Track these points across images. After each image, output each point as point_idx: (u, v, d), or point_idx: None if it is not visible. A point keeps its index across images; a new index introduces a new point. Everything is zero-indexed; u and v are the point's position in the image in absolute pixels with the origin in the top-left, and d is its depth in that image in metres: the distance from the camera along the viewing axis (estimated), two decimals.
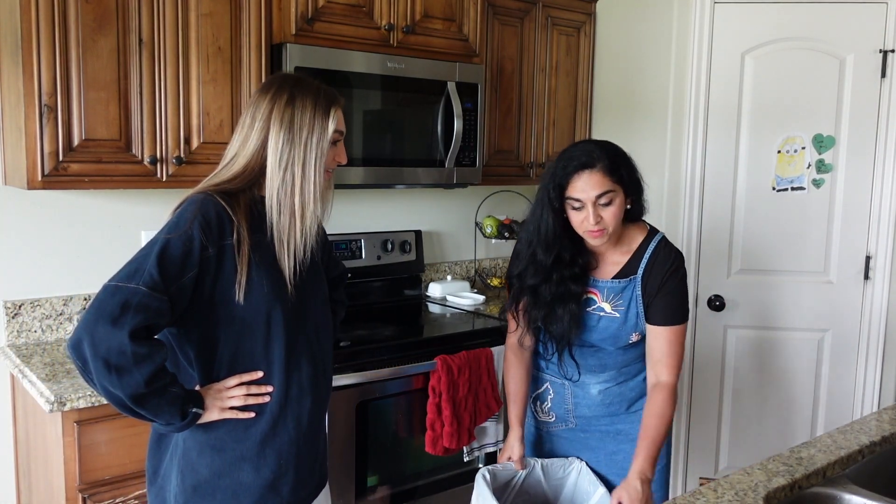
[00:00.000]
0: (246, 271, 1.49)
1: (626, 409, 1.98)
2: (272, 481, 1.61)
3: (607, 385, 1.96)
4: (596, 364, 1.95)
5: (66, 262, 2.41)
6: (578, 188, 1.76)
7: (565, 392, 2.00)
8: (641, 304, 1.86)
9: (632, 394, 1.98)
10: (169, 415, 1.46)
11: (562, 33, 3.22)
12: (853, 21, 3.12)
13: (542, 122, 3.22)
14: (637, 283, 1.86)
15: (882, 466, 1.59)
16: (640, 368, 1.97)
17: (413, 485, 2.56)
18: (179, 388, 1.48)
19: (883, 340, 3.27)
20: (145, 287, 1.38)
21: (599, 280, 1.89)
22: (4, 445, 2.37)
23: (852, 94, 3.15)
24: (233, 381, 1.55)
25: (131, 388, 1.38)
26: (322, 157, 1.55)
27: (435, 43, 2.72)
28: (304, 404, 1.63)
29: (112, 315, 1.35)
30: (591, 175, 1.75)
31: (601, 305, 1.89)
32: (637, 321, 1.87)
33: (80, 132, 2.07)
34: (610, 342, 1.91)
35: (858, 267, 3.24)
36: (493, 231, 3.39)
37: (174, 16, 2.18)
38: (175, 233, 1.45)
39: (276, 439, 1.60)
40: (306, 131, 1.53)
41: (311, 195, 1.54)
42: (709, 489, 1.35)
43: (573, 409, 2.00)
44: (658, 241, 1.88)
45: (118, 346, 1.35)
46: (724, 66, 3.23)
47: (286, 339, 1.57)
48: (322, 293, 1.72)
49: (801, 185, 3.24)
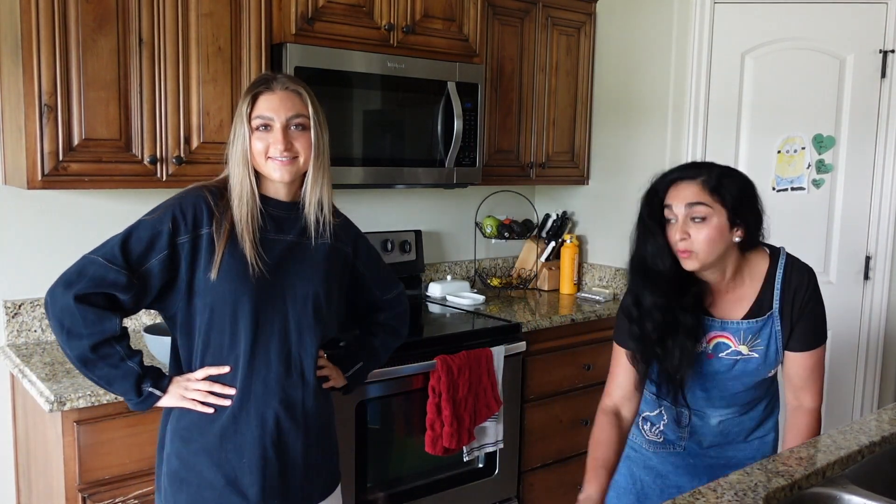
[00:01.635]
0: (221, 252, 1.55)
1: (743, 439, 1.83)
2: (234, 479, 1.59)
3: (728, 416, 1.80)
4: (719, 399, 1.78)
5: (66, 262, 2.38)
6: (671, 195, 1.62)
7: (682, 419, 1.81)
8: (781, 339, 1.69)
9: (751, 423, 1.83)
10: (123, 388, 1.57)
11: (562, 33, 3.22)
12: (853, 21, 3.11)
13: (542, 122, 3.22)
14: (775, 319, 1.68)
15: (882, 466, 1.59)
16: (762, 397, 1.81)
17: (413, 485, 2.56)
18: (137, 365, 1.56)
19: (883, 340, 3.27)
20: (102, 258, 1.52)
21: (729, 322, 1.69)
22: (4, 445, 2.37)
23: (852, 94, 3.15)
24: (201, 374, 1.60)
25: (78, 349, 1.52)
26: (244, 144, 1.59)
27: (435, 43, 2.72)
28: (271, 404, 1.61)
29: (69, 280, 1.52)
30: (687, 185, 1.61)
31: (737, 349, 1.70)
32: (776, 356, 1.71)
33: (80, 132, 2.07)
34: (744, 383, 1.74)
35: (858, 267, 3.24)
36: (493, 231, 3.39)
37: (174, 16, 2.18)
38: (149, 217, 1.57)
39: (236, 436, 1.60)
40: (237, 122, 1.61)
41: (237, 181, 1.59)
42: (709, 489, 1.34)
43: (687, 436, 1.84)
44: (786, 265, 1.70)
45: (66, 307, 1.50)
46: (724, 66, 3.23)
47: (252, 334, 1.59)
48: (314, 295, 1.66)
49: (800, 185, 3.24)
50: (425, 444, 2.43)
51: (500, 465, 2.76)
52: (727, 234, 1.61)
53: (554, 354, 2.93)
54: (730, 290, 1.71)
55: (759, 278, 1.69)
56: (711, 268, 1.65)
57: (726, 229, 1.60)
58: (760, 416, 1.83)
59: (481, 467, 2.72)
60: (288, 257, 1.63)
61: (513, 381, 2.74)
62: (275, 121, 1.58)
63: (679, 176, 1.64)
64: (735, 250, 1.66)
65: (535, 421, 2.89)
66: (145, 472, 1.99)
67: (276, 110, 1.59)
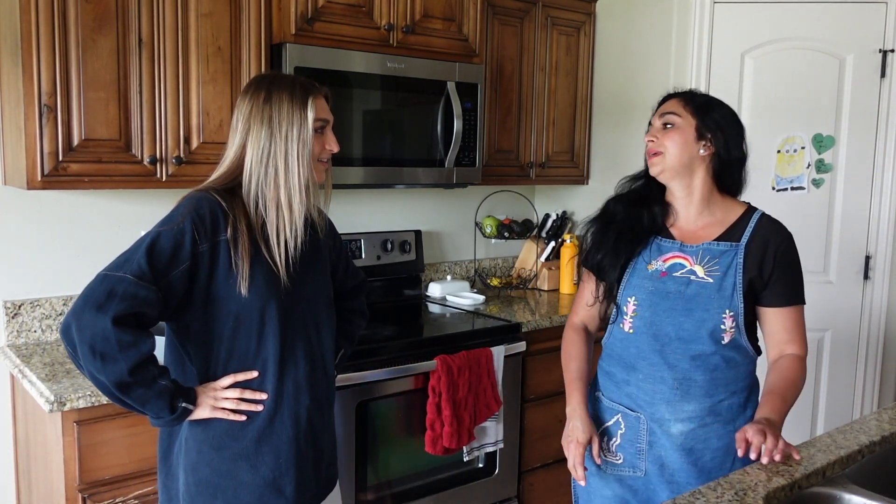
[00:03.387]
0: (248, 262, 1.52)
1: (712, 467, 1.71)
2: (272, 480, 1.61)
3: (691, 426, 1.70)
4: (673, 354, 1.69)
5: (66, 262, 2.41)
6: (657, 111, 1.77)
7: (640, 427, 1.74)
8: (741, 276, 1.67)
9: (719, 443, 1.71)
10: (157, 407, 1.49)
11: (562, 33, 3.22)
12: (853, 21, 3.12)
13: (542, 122, 3.22)
14: (740, 251, 1.68)
15: (882, 466, 1.59)
16: (733, 413, 1.72)
17: (413, 485, 2.56)
18: (169, 382, 1.50)
19: (883, 340, 3.27)
20: (132, 276, 1.43)
21: (689, 245, 1.72)
22: (4, 445, 2.37)
23: (852, 94, 3.15)
24: (227, 381, 1.56)
25: (115, 375, 1.42)
26: (305, 147, 1.56)
27: (435, 43, 2.72)
28: (303, 402, 1.64)
29: (98, 302, 1.41)
30: (670, 101, 1.76)
31: (693, 269, 1.70)
32: (732, 294, 1.66)
33: (79, 132, 2.07)
34: (699, 322, 1.67)
35: (858, 267, 3.24)
36: (493, 231, 3.39)
37: (174, 16, 2.18)
38: (167, 226, 1.49)
39: (273, 437, 1.60)
40: (286, 124, 1.56)
41: (296, 187, 1.55)
42: (708, 489, 1.35)
43: (646, 450, 1.74)
44: (762, 215, 1.74)
45: (102, 331, 1.40)
46: (723, 66, 3.23)
47: (280, 336, 1.58)
48: (325, 292, 1.72)
49: (800, 184, 3.24)
50: (425, 443, 2.43)
51: (500, 465, 2.76)
52: (693, 143, 1.69)
53: (554, 354, 2.91)
54: (699, 220, 1.75)
55: (731, 218, 1.75)
56: (675, 178, 1.72)
57: (692, 138, 1.69)
58: (731, 436, 1.69)
59: (481, 467, 2.72)
60: (300, 257, 1.63)
61: (513, 381, 2.74)
62: (329, 123, 1.63)
63: (670, 94, 1.78)
64: (705, 171, 1.72)
65: (535, 421, 2.89)
66: (145, 472, 1.99)
67: (328, 113, 1.63)
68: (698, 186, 1.72)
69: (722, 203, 1.76)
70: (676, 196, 1.75)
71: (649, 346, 1.72)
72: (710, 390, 1.70)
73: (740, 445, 1.49)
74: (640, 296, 1.73)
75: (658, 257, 1.74)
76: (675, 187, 1.75)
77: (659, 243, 1.75)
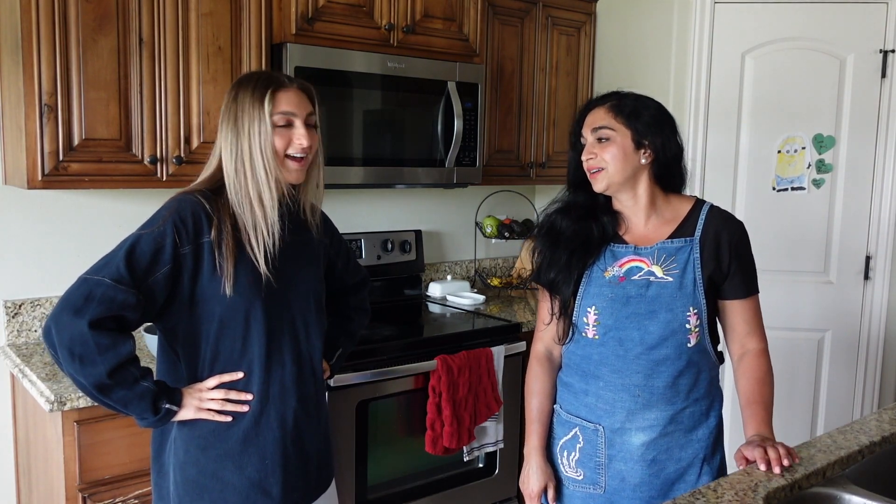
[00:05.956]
0: (232, 263, 1.52)
1: (675, 478, 1.67)
2: (258, 481, 1.60)
3: (652, 435, 1.65)
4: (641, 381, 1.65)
5: (66, 262, 2.41)
6: (585, 123, 1.70)
7: (598, 441, 1.69)
8: (700, 271, 1.65)
9: (682, 453, 1.67)
10: (140, 409, 1.50)
11: (562, 33, 3.22)
12: (853, 21, 3.12)
13: (543, 122, 3.22)
14: (695, 246, 1.66)
15: (882, 466, 1.59)
16: (695, 420, 1.68)
17: (413, 484, 2.56)
18: (151, 384, 1.50)
19: (883, 340, 3.27)
20: (110, 280, 1.43)
21: (643, 247, 1.69)
22: (4, 445, 2.37)
23: (852, 94, 3.15)
24: (213, 382, 1.57)
25: (94, 377, 1.43)
26: (266, 141, 1.54)
27: (435, 43, 2.72)
28: (289, 403, 1.63)
29: (75, 305, 1.42)
30: (596, 111, 1.68)
31: (651, 269, 1.67)
32: (694, 291, 1.64)
33: (80, 132, 2.07)
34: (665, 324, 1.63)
35: (858, 267, 3.24)
36: (493, 231, 3.39)
37: (174, 15, 2.18)
38: (148, 230, 1.50)
39: (258, 438, 1.60)
40: (247, 119, 1.55)
41: (263, 182, 1.55)
42: (708, 489, 1.35)
43: (606, 464, 1.69)
44: (711, 207, 1.72)
45: (79, 335, 1.41)
46: (724, 66, 3.23)
47: (266, 337, 1.58)
48: (316, 293, 1.71)
49: (801, 185, 3.24)
50: (425, 443, 2.43)
51: (500, 465, 2.76)
52: (633, 154, 1.65)
53: None
54: (650, 224, 1.72)
55: (681, 215, 1.72)
56: (621, 190, 1.69)
57: (631, 150, 1.65)
58: (695, 446, 1.68)
59: (481, 467, 2.72)
60: (288, 257, 1.63)
61: (513, 380, 2.73)
62: (297, 117, 1.58)
63: (594, 103, 1.71)
64: (647, 177, 1.69)
65: None
66: (145, 471, 1.99)
67: (297, 106, 1.58)
68: (644, 192, 1.70)
69: (669, 202, 1.74)
70: (624, 205, 1.73)
71: (613, 353, 1.68)
72: (673, 398, 1.66)
73: (741, 464, 1.48)
74: (600, 304, 1.69)
75: (613, 263, 1.70)
76: (622, 198, 1.72)
77: (613, 249, 1.72)
